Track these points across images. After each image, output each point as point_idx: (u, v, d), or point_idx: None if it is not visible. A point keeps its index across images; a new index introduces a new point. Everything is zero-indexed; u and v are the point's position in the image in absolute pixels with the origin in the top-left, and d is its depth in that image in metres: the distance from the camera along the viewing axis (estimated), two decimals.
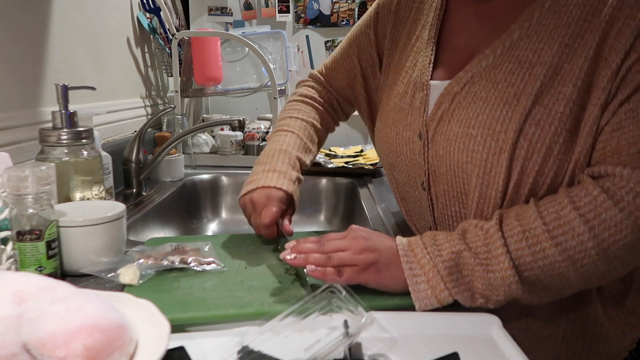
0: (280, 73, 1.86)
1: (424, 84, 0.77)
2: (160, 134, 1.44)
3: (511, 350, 0.53)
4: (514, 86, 0.67)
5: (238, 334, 0.54)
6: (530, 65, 0.66)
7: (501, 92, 0.67)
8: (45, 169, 0.63)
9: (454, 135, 0.71)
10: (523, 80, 0.66)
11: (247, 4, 1.90)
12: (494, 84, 0.68)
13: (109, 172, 1.02)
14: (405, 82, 0.82)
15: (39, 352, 0.43)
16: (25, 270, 0.64)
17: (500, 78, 0.68)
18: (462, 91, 0.71)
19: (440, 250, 0.62)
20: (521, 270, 0.61)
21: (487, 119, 0.68)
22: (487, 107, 0.68)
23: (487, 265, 0.61)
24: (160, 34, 1.59)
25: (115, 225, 0.72)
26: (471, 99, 0.70)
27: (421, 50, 0.81)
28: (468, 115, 0.70)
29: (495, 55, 0.69)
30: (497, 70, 0.69)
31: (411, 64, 0.83)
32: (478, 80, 0.70)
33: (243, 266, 0.73)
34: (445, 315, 0.61)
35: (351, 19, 1.89)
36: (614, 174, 0.61)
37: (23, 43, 0.97)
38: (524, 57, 0.67)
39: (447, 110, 0.73)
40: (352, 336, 0.50)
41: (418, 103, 0.78)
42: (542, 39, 0.66)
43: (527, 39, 0.68)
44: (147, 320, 0.51)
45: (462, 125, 0.70)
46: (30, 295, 0.47)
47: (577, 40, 0.64)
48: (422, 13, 0.85)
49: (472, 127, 0.69)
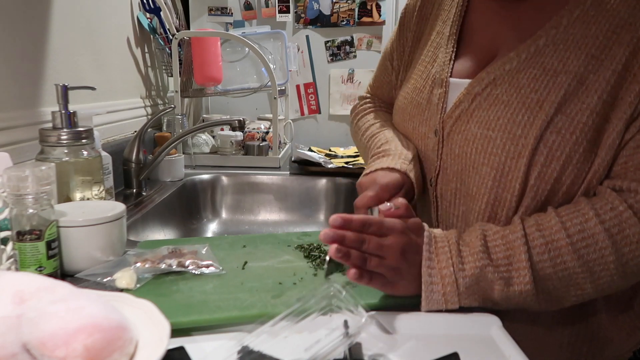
0: (280, 73, 1.86)
1: (443, 80, 0.77)
2: (161, 134, 1.44)
3: (511, 350, 0.53)
4: (537, 92, 0.66)
5: (238, 334, 0.54)
6: (555, 73, 0.66)
7: (524, 97, 0.67)
8: (45, 169, 0.63)
9: (472, 135, 0.71)
10: (547, 88, 0.66)
11: (247, 4, 1.90)
12: (516, 88, 0.68)
13: (109, 172, 1.02)
14: (424, 77, 0.82)
15: (39, 352, 0.43)
16: (25, 270, 0.64)
17: (524, 83, 0.68)
18: (483, 92, 0.71)
19: (463, 264, 0.61)
20: (539, 282, 0.61)
21: (507, 123, 0.67)
22: (508, 111, 0.68)
23: (508, 278, 0.61)
24: (161, 34, 1.59)
25: (115, 226, 0.72)
26: (492, 101, 0.70)
27: (441, 46, 0.81)
28: (488, 117, 0.70)
29: (520, 59, 0.69)
30: (520, 75, 0.68)
31: (430, 59, 0.82)
32: (500, 83, 0.70)
33: (241, 267, 0.73)
34: (445, 315, 0.61)
35: (351, 19, 1.89)
36: (636, 190, 0.61)
37: (23, 43, 0.97)
38: (549, 64, 0.67)
39: (466, 109, 0.73)
40: (352, 336, 0.50)
41: (436, 99, 0.78)
42: (568, 48, 0.66)
43: (553, 46, 0.67)
44: (147, 321, 0.51)
45: (481, 126, 0.70)
46: (30, 296, 0.47)
47: (605, 52, 0.64)
48: (443, 9, 0.84)
49: (492, 129, 0.69)
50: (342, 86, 1.95)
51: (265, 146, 1.55)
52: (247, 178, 1.43)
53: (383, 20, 1.89)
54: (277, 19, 1.89)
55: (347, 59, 1.94)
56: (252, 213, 1.43)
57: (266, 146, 1.55)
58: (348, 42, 1.93)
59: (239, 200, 1.43)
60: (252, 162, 1.53)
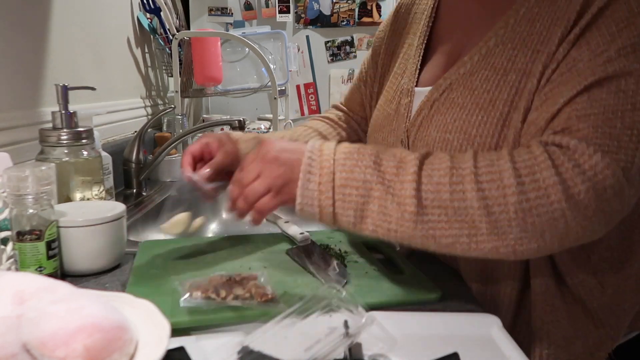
0: (281, 73, 1.86)
1: (409, 90, 0.80)
2: (161, 134, 1.44)
3: (511, 350, 0.53)
4: (489, 92, 0.67)
5: (238, 334, 0.54)
6: (504, 72, 0.67)
7: (477, 98, 0.68)
8: (45, 169, 0.63)
9: (432, 140, 0.72)
10: (498, 87, 0.67)
11: (247, 4, 1.90)
12: (470, 90, 0.69)
13: (109, 172, 1.02)
14: (394, 89, 0.84)
15: (39, 353, 0.43)
16: (25, 270, 0.64)
17: (477, 85, 0.69)
18: (440, 97, 0.73)
19: (345, 160, 0.61)
20: (430, 206, 0.57)
21: (463, 124, 0.69)
22: (463, 113, 0.69)
23: (388, 186, 0.59)
24: (161, 34, 1.59)
25: (115, 226, 0.72)
26: (449, 105, 0.71)
27: (410, 57, 0.84)
28: (445, 120, 0.71)
29: (473, 62, 0.71)
30: (473, 77, 0.70)
31: (401, 71, 0.85)
32: (456, 87, 0.71)
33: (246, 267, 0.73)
34: (445, 315, 0.61)
35: (351, 19, 1.89)
36: (560, 144, 0.58)
37: (23, 43, 0.97)
38: (498, 64, 0.68)
39: (426, 116, 0.74)
40: (352, 336, 0.50)
41: (403, 109, 0.80)
42: (515, 46, 0.67)
43: (502, 45, 0.68)
44: (147, 321, 0.51)
45: (439, 130, 0.71)
46: (30, 296, 0.47)
47: (544, 44, 0.64)
48: (415, 22, 0.87)
49: (449, 132, 0.70)
50: (342, 86, 1.95)
51: None
52: None
53: (383, 20, 1.89)
54: (277, 19, 1.90)
55: (347, 59, 1.94)
56: None
57: None
58: (348, 42, 1.93)
59: None
60: None
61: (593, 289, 0.70)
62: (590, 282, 0.69)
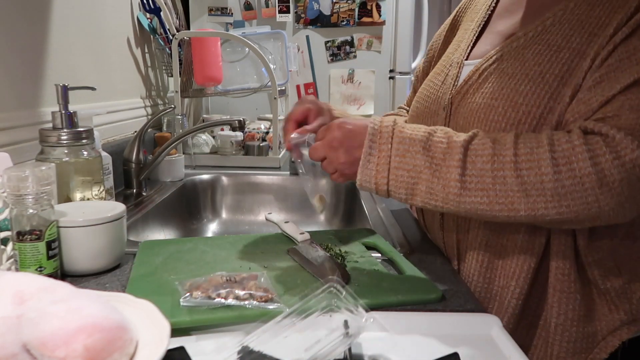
0: (281, 73, 1.86)
1: (459, 63, 0.82)
2: (161, 134, 1.44)
3: (511, 350, 0.53)
4: (540, 65, 0.70)
5: (238, 334, 0.54)
6: (558, 49, 0.69)
7: (527, 70, 0.71)
8: (45, 169, 0.63)
9: (476, 106, 0.74)
10: (549, 62, 0.69)
11: (247, 4, 1.90)
12: (521, 62, 0.72)
13: (109, 172, 1.02)
14: (445, 64, 0.87)
15: (39, 353, 0.43)
16: (25, 270, 0.64)
17: (528, 57, 0.71)
18: (490, 67, 0.75)
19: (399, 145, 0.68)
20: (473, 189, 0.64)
21: (510, 92, 0.71)
22: (511, 82, 0.71)
23: (435, 170, 0.65)
24: (161, 34, 1.59)
25: (115, 226, 0.72)
26: (498, 74, 0.73)
27: (465, 37, 0.86)
28: (493, 88, 0.73)
29: (527, 37, 0.73)
30: (526, 51, 0.72)
31: (453, 49, 0.88)
32: (507, 59, 0.74)
33: (246, 267, 0.73)
34: (445, 315, 0.61)
35: (351, 19, 1.89)
36: (607, 134, 0.61)
37: (23, 43, 0.97)
38: (553, 41, 0.70)
39: (473, 84, 0.76)
40: (352, 336, 0.50)
41: (450, 79, 0.82)
42: (572, 27, 0.69)
43: (559, 25, 0.71)
44: (147, 321, 0.51)
45: (485, 97, 0.73)
46: (30, 296, 0.47)
47: (603, 27, 0.67)
48: (475, 12, 0.89)
49: (495, 98, 0.72)
50: (342, 86, 1.95)
51: (266, 146, 1.55)
52: (247, 178, 1.43)
53: (383, 20, 1.89)
54: (277, 19, 1.89)
55: (347, 59, 1.94)
56: (252, 213, 1.43)
57: (266, 146, 1.55)
58: (348, 42, 1.93)
59: (239, 200, 1.43)
60: (252, 162, 1.53)
61: (609, 271, 0.71)
62: (607, 263, 0.71)
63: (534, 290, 0.73)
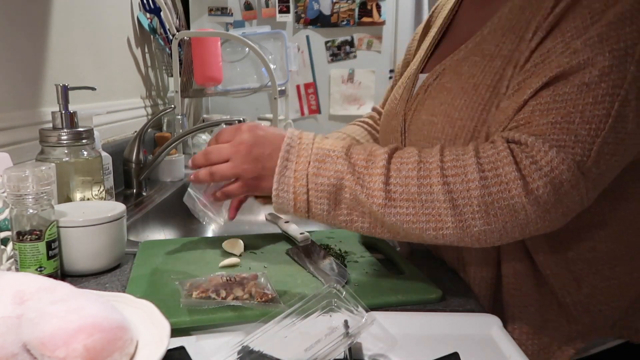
0: (281, 73, 1.86)
1: (415, 76, 0.81)
2: (161, 134, 1.44)
3: (511, 350, 0.53)
4: (475, 77, 0.68)
5: (238, 334, 0.54)
6: (491, 58, 0.68)
7: (463, 83, 0.69)
8: (45, 169, 0.63)
9: (421, 123, 0.73)
10: (483, 72, 0.68)
11: (247, 4, 1.90)
12: (458, 75, 0.71)
13: (109, 172, 1.02)
14: (406, 76, 0.86)
15: (39, 353, 0.43)
16: (25, 270, 0.64)
17: (465, 70, 0.70)
18: (434, 82, 0.74)
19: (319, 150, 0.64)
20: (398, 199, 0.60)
21: (447, 108, 0.70)
22: (449, 97, 0.70)
23: (358, 178, 0.62)
24: (161, 34, 1.59)
25: (115, 226, 0.72)
26: (440, 89, 0.73)
27: (426, 47, 0.85)
28: (434, 104, 0.72)
29: (467, 48, 0.72)
30: (463, 63, 0.71)
31: (416, 60, 0.87)
32: (448, 72, 0.73)
33: (246, 267, 0.73)
34: (445, 315, 0.61)
35: (351, 19, 1.89)
36: (521, 142, 0.59)
37: (23, 43, 0.97)
38: (487, 50, 0.69)
39: (420, 100, 0.76)
40: (352, 336, 0.50)
41: (405, 94, 0.81)
42: (505, 33, 0.68)
43: (494, 33, 0.69)
44: (147, 321, 0.51)
45: (428, 113, 0.73)
46: (30, 296, 0.47)
47: (528, 30, 0.64)
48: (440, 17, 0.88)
49: (435, 115, 0.71)
50: (342, 86, 1.95)
51: None
52: None
53: (383, 20, 1.89)
54: (277, 19, 1.90)
55: (347, 59, 1.94)
56: (252, 213, 1.42)
57: None
58: (348, 42, 1.93)
59: None
60: None
61: (568, 285, 0.69)
62: (565, 277, 0.69)
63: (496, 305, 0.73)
